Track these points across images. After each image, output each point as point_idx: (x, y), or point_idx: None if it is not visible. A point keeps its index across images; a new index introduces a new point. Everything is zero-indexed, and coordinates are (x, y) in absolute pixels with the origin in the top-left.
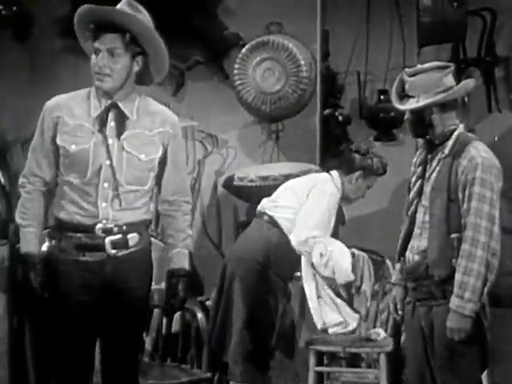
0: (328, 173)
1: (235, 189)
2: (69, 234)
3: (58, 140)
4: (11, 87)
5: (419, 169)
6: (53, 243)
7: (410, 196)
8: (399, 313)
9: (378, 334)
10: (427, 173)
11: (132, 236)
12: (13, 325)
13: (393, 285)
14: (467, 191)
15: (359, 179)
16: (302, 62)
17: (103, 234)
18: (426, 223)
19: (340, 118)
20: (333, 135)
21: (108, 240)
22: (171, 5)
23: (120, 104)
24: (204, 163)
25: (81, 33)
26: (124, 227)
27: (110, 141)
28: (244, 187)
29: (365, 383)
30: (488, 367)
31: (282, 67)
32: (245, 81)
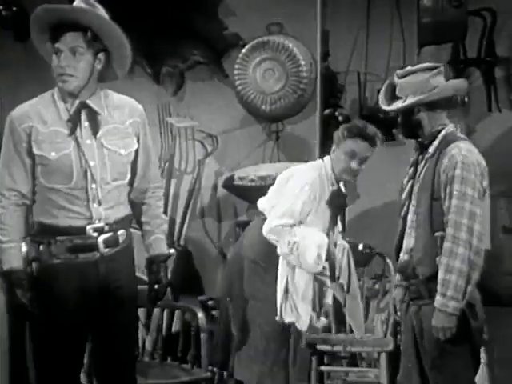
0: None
1: (235, 189)
2: (58, 238)
3: (35, 149)
4: (11, 87)
5: (411, 170)
6: (41, 249)
7: (403, 197)
8: (398, 313)
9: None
10: (417, 173)
11: (121, 233)
12: (13, 325)
13: (394, 286)
14: (448, 189)
15: (336, 150)
16: (302, 62)
17: (95, 234)
18: (414, 222)
19: (340, 118)
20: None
21: (101, 239)
22: (171, 5)
23: (89, 102)
24: (204, 163)
25: (37, 35)
26: (114, 225)
27: (89, 141)
28: (244, 187)
29: (365, 382)
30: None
31: (282, 67)
32: (245, 81)
